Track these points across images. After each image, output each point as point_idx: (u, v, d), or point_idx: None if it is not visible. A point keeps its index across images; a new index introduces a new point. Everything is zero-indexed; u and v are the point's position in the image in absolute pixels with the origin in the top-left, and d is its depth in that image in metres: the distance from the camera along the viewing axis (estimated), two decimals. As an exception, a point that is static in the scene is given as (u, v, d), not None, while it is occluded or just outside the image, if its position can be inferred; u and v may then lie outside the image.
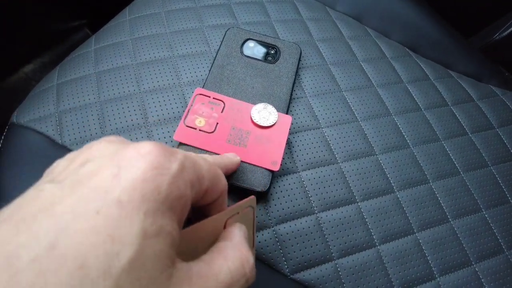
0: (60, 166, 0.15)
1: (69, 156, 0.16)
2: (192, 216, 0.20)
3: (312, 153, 0.33)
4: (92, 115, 0.33)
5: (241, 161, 0.30)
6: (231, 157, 0.28)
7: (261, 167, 0.30)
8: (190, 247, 0.16)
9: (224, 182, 0.19)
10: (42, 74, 0.72)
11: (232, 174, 0.30)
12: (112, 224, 0.12)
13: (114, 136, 0.17)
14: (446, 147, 0.37)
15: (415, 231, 0.32)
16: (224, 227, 0.19)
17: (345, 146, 0.34)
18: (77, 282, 0.11)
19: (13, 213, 0.12)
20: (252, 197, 0.21)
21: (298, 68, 0.37)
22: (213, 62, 0.36)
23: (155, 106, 0.34)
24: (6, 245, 0.11)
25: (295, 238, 0.29)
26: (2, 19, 0.58)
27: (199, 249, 0.17)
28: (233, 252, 0.17)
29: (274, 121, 0.32)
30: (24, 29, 0.66)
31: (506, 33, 0.49)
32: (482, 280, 0.31)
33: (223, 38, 0.38)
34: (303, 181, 0.32)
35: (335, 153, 0.34)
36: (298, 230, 0.30)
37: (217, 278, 0.15)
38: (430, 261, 0.31)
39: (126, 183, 0.13)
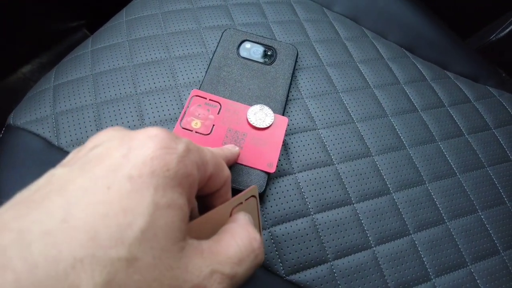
0: (69, 156, 0.16)
1: (75, 149, 0.17)
2: (198, 210, 0.21)
3: (308, 154, 0.33)
4: (88, 116, 0.33)
5: (237, 163, 0.30)
6: (231, 148, 0.28)
7: (257, 169, 0.30)
8: (197, 238, 0.17)
9: (227, 171, 0.19)
10: (40, 75, 0.72)
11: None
12: (123, 197, 0.12)
13: (118, 126, 0.17)
14: (442, 148, 0.37)
15: (411, 232, 0.32)
16: (230, 216, 0.20)
17: (341, 147, 0.34)
18: (90, 252, 0.11)
19: (25, 196, 0.13)
20: (254, 186, 0.21)
21: (294, 69, 0.37)
22: (210, 63, 0.36)
23: (151, 108, 0.34)
24: (18, 222, 0.11)
25: (291, 239, 0.30)
26: (1, 19, 0.58)
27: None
28: (240, 230, 0.17)
29: (270, 123, 0.32)
30: (23, 29, 0.66)
31: (503, 34, 0.49)
32: (478, 281, 0.31)
33: (220, 39, 0.38)
34: (299, 182, 0.32)
35: (331, 154, 0.34)
36: (294, 232, 0.30)
37: (227, 253, 0.16)
38: (425, 262, 0.31)
39: (136, 160, 0.13)
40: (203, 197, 0.19)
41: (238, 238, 0.17)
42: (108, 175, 0.13)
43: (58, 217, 0.11)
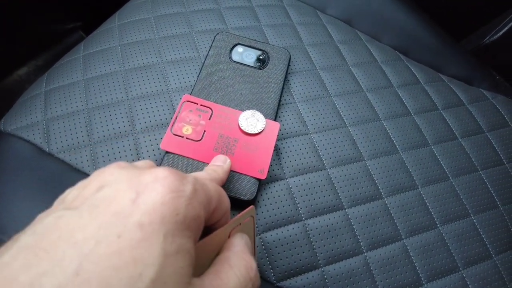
0: (72, 194, 0.16)
1: (80, 184, 0.16)
2: None
3: (300, 159, 0.33)
4: (79, 122, 0.33)
5: (228, 169, 0.30)
6: (224, 167, 0.27)
7: (248, 175, 0.30)
8: (197, 262, 0.17)
9: (227, 201, 0.20)
10: (36, 77, 0.72)
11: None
12: (133, 246, 0.12)
13: (124, 162, 0.17)
14: (435, 152, 0.37)
15: (403, 237, 0.32)
16: (228, 238, 0.20)
17: (333, 152, 0.34)
18: None
19: (32, 241, 0.12)
20: (252, 207, 0.21)
21: (287, 73, 0.37)
22: (202, 68, 0.36)
23: (142, 113, 0.34)
24: (28, 273, 0.11)
25: (282, 245, 0.29)
26: (-4, 22, 0.58)
27: (206, 263, 0.18)
28: (237, 260, 0.18)
29: (262, 128, 0.32)
30: (18, 32, 0.65)
31: (497, 36, 0.49)
32: (470, 286, 0.31)
33: (212, 43, 0.38)
34: (291, 187, 0.32)
35: (323, 159, 0.34)
36: (285, 238, 0.30)
37: (227, 287, 0.16)
38: (417, 268, 0.31)
39: (146, 206, 0.14)
40: None
41: (236, 269, 0.17)
42: (118, 222, 0.13)
43: (70, 270, 0.11)
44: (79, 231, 0.13)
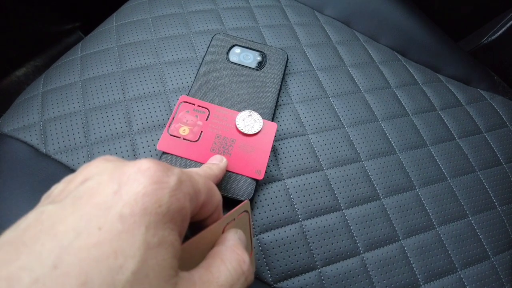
0: (58, 188, 0.16)
1: (66, 178, 0.16)
2: (189, 232, 0.21)
3: (298, 160, 0.33)
4: (76, 123, 0.33)
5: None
6: (219, 163, 0.27)
7: (245, 176, 0.30)
8: (190, 259, 0.17)
9: (218, 196, 0.19)
10: (34, 78, 0.72)
11: (216, 183, 0.30)
12: (114, 238, 0.12)
13: (110, 155, 0.17)
14: (433, 152, 0.37)
15: (400, 238, 0.32)
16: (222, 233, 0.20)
17: (330, 153, 0.34)
18: None
19: (14, 236, 0.12)
20: (246, 201, 0.21)
21: (284, 74, 0.37)
22: (199, 68, 0.36)
23: (139, 114, 0.34)
24: (6, 268, 0.11)
25: (279, 246, 0.29)
26: (-6, 22, 0.58)
27: (199, 259, 0.18)
28: (229, 254, 0.17)
29: (259, 129, 0.32)
30: (17, 32, 0.65)
31: (495, 36, 0.49)
32: (467, 287, 0.31)
33: (209, 44, 0.38)
34: (288, 188, 0.32)
35: (320, 160, 0.34)
36: (282, 239, 0.30)
37: (218, 281, 0.16)
38: (415, 269, 0.31)
39: (128, 197, 0.13)
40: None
41: (227, 262, 0.17)
42: (99, 213, 0.13)
43: (48, 263, 0.11)
44: (60, 224, 0.12)
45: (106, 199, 0.13)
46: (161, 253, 0.13)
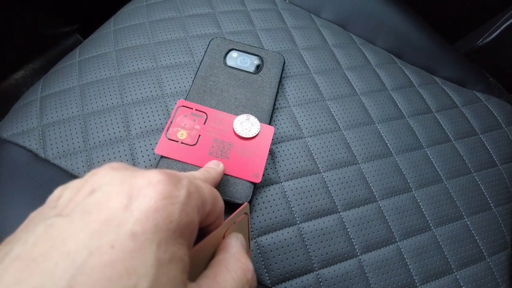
0: (64, 197, 0.15)
1: (73, 184, 0.16)
2: None
3: (295, 163, 0.34)
4: (75, 128, 0.33)
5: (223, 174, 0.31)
6: (216, 168, 0.27)
7: (243, 179, 0.31)
8: (194, 266, 0.17)
9: (221, 203, 0.19)
10: (33, 80, 0.72)
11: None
12: (127, 257, 0.12)
13: (117, 162, 0.17)
14: (429, 154, 0.37)
15: (397, 240, 0.32)
16: (223, 238, 0.20)
17: (327, 156, 0.34)
18: None
19: (24, 252, 0.12)
20: (246, 204, 0.21)
21: (281, 77, 0.38)
22: (196, 73, 0.36)
23: (138, 119, 0.34)
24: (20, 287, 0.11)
25: (277, 249, 0.30)
26: (-9, 26, 0.58)
27: (202, 265, 0.18)
28: (233, 263, 0.18)
29: (257, 132, 0.32)
30: (15, 35, 0.65)
31: (490, 38, 0.49)
32: (463, 287, 0.31)
33: (207, 49, 0.38)
34: (286, 191, 0.32)
35: (317, 162, 0.34)
36: (280, 241, 0.30)
37: None
38: (411, 270, 0.31)
39: (138, 214, 0.13)
40: None
41: (232, 271, 0.17)
42: (110, 231, 0.13)
43: (62, 283, 0.11)
44: (71, 241, 0.12)
45: (116, 215, 0.13)
46: (172, 269, 0.13)
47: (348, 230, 0.32)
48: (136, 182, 0.15)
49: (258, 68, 0.37)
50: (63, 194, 0.16)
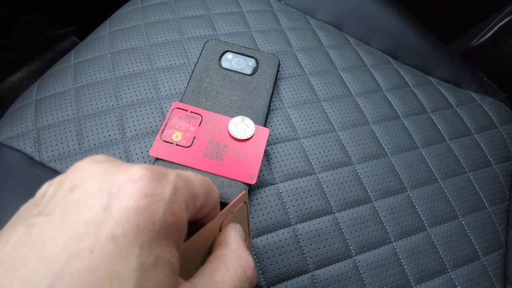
0: (48, 193, 0.15)
1: (57, 180, 0.15)
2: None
3: (290, 164, 0.34)
4: (70, 131, 0.33)
5: (218, 175, 0.31)
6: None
7: (238, 180, 0.31)
8: (188, 261, 0.16)
9: (216, 194, 0.18)
10: (29, 83, 0.72)
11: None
12: (107, 261, 0.12)
13: (100, 155, 0.16)
14: (424, 154, 0.37)
15: (392, 240, 0.32)
16: (220, 229, 0.19)
17: (322, 157, 0.35)
18: None
19: (4, 255, 0.12)
20: (244, 193, 0.20)
21: (276, 79, 0.38)
22: (191, 75, 0.36)
23: (133, 121, 0.34)
24: None
25: (272, 250, 0.30)
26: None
27: (198, 260, 0.17)
28: (233, 260, 0.17)
29: (251, 134, 0.32)
30: (11, 37, 0.65)
31: (484, 38, 0.50)
32: (458, 287, 0.31)
33: (202, 50, 0.38)
34: (281, 192, 0.32)
35: (312, 163, 0.34)
36: (275, 243, 0.30)
37: None
38: (406, 270, 0.31)
39: (119, 214, 0.12)
40: None
41: (232, 270, 0.16)
42: (90, 233, 0.12)
43: None
44: (49, 244, 0.12)
45: (96, 215, 0.12)
46: (157, 273, 0.13)
47: (343, 230, 0.32)
48: (116, 178, 0.14)
49: (253, 69, 0.37)
50: (48, 190, 0.15)
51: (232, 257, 0.17)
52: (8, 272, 0.11)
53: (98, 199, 0.13)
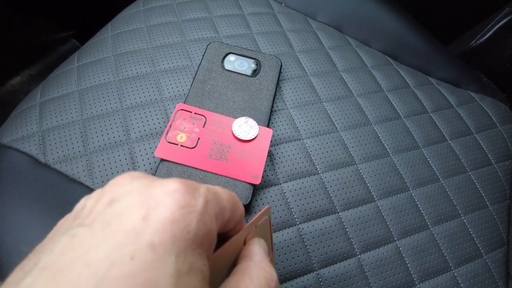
0: (87, 207, 0.16)
1: (95, 194, 0.16)
2: None
3: (293, 164, 0.34)
4: (75, 133, 0.33)
5: (222, 176, 0.31)
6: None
7: (242, 181, 0.31)
8: (215, 272, 0.17)
9: (242, 208, 0.19)
10: (30, 86, 0.72)
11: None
12: (146, 268, 0.12)
13: (137, 172, 0.17)
14: (425, 154, 0.38)
15: (395, 239, 0.32)
16: (244, 243, 0.20)
17: (325, 157, 0.35)
18: None
19: (50, 262, 0.13)
20: (267, 207, 0.21)
21: (278, 80, 0.38)
22: (195, 76, 0.36)
23: (137, 123, 0.34)
24: None
25: (277, 250, 0.30)
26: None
27: (223, 272, 0.18)
28: (257, 272, 0.17)
29: (255, 135, 0.33)
30: (11, 40, 0.66)
31: (483, 39, 0.50)
32: (461, 285, 0.32)
33: (205, 53, 0.38)
34: (285, 192, 0.32)
35: (315, 164, 0.34)
36: (280, 242, 0.30)
37: None
38: (410, 268, 0.31)
39: (156, 224, 0.13)
40: None
41: (256, 281, 0.17)
42: (130, 241, 0.13)
43: None
44: (92, 251, 0.13)
45: (135, 225, 0.13)
46: (191, 279, 0.13)
47: (347, 230, 0.32)
48: (154, 191, 0.15)
49: (256, 71, 0.38)
50: (86, 204, 0.16)
51: (256, 269, 0.17)
52: (55, 277, 0.12)
53: (137, 211, 0.14)
